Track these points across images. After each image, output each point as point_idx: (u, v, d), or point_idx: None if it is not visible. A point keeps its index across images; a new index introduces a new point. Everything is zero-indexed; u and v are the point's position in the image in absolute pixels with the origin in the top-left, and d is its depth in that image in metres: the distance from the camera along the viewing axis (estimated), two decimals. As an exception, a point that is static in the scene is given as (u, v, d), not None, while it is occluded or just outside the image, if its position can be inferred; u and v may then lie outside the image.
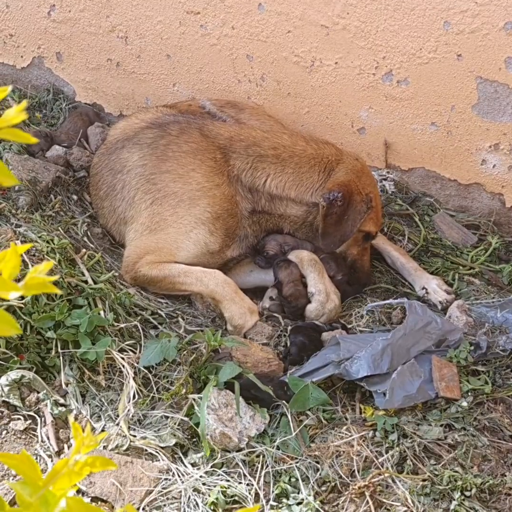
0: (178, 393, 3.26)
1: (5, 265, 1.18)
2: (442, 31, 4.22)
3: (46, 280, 1.19)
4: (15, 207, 4.05)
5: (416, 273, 4.32)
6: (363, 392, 3.47)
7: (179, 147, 4.11)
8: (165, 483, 2.98)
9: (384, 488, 3.04)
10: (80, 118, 5.10)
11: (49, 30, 5.20)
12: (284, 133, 4.22)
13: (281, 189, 4.06)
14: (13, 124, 1.18)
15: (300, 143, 4.13)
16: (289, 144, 4.11)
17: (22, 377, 3.17)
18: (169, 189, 4.03)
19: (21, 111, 1.19)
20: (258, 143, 4.11)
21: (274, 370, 3.52)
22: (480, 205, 4.65)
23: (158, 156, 4.12)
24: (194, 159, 4.07)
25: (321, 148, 4.13)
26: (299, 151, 4.10)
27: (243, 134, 4.15)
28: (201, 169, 4.06)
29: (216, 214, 4.01)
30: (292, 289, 3.99)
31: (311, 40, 4.53)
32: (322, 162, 4.08)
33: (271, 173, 4.06)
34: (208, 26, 4.74)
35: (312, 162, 4.08)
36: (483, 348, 3.65)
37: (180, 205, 3.99)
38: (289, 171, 4.06)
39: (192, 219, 3.98)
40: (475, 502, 3.01)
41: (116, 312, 3.58)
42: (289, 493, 3.01)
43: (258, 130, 4.21)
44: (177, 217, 3.98)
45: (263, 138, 4.13)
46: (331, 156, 4.11)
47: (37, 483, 1.15)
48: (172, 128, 4.19)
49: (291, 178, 4.06)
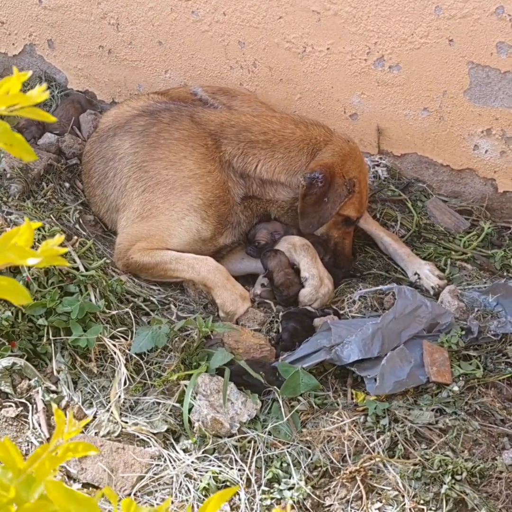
0: (170, 380, 3.27)
1: (20, 238, 1.24)
2: (434, 16, 4.21)
3: (58, 251, 1.24)
4: (6, 195, 4.05)
5: (409, 258, 4.32)
6: (354, 378, 3.48)
7: (170, 134, 4.10)
8: (156, 469, 3.00)
9: (375, 473, 3.06)
10: (72, 106, 5.08)
11: (40, 18, 5.18)
12: (273, 117, 4.22)
13: (271, 173, 4.07)
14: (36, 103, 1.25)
15: (289, 126, 4.12)
16: (278, 128, 4.11)
17: (13, 364, 3.18)
18: (161, 176, 4.02)
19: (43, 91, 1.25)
20: (249, 128, 4.11)
21: (266, 356, 3.53)
22: (473, 190, 4.65)
23: (149, 143, 4.11)
24: (186, 146, 4.07)
25: (310, 130, 4.13)
26: (288, 134, 4.10)
27: (234, 120, 4.16)
28: (193, 156, 4.05)
29: (208, 201, 4.01)
30: (283, 278, 3.99)
31: (303, 26, 4.52)
32: (310, 144, 4.09)
33: (261, 158, 4.07)
34: (200, 13, 4.73)
35: (301, 145, 4.08)
36: (474, 333, 3.66)
37: (172, 192, 3.99)
38: (279, 156, 4.07)
39: (184, 206, 3.98)
40: (465, 486, 3.02)
41: (108, 299, 3.58)
42: (281, 478, 3.02)
43: (248, 115, 4.21)
44: (169, 204, 3.98)
45: (253, 123, 4.13)
46: (319, 137, 4.11)
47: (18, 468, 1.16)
48: (163, 116, 4.19)
49: (281, 163, 4.06)
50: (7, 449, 1.20)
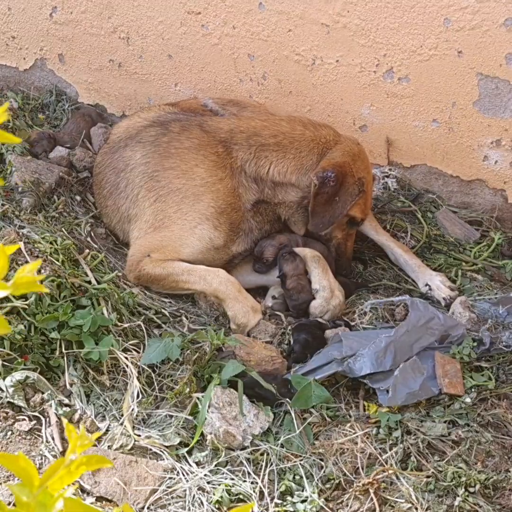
0: (182, 392, 3.28)
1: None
2: (443, 28, 4.22)
3: (34, 279, 1.21)
4: (18, 209, 4.07)
5: (420, 269, 4.31)
6: (366, 389, 3.48)
7: (181, 144, 4.12)
8: (169, 482, 3.00)
9: (388, 485, 3.05)
10: (83, 119, 5.11)
11: (51, 32, 5.22)
12: (282, 120, 4.24)
13: (283, 175, 4.09)
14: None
15: (299, 128, 4.16)
16: (288, 130, 4.14)
17: (26, 377, 3.19)
18: (173, 185, 4.04)
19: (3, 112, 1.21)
20: (259, 132, 4.13)
21: (277, 368, 3.53)
22: (483, 201, 4.65)
23: (160, 153, 4.13)
24: (197, 154, 4.09)
25: (319, 130, 4.17)
26: (298, 135, 4.13)
27: (243, 126, 4.18)
28: (204, 164, 4.07)
29: (220, 208, 4.03)
30: (294, 283, 4.01)
31: (312, 38, 4.53)
32: (320, 143, 4.12)
33: (273, 160, 4.09)
34: (209, 26, 4.75)
35: (311, 145, 4.12)
36: (486, 344, 3.65)
37: (184, 201, 4.00)
38: (290, 156, 4.10)
39: (197, 215, 3.99)
40: (479, 498, 3.01)
41: (120, 312, 3.59)
42: (294, 491, 3.02)
43: (256, 120, 4.24)
44: (181, 213, 3.99)
45: (263, 127, 4.16)
46: (328, 136, 4.15)
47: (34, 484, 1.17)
48: (173, 126, 4.21)
49: (293, 163, 4.09)
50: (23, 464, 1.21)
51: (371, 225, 4.46)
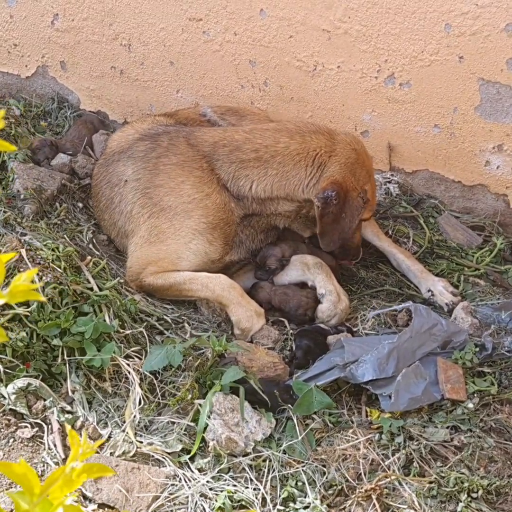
0: (184, 399, 3.27)
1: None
2: (444, 33, 4.23)
3: (30, 287, 1.21)
4: (20, 216, 4.08)
5: (422, 275, 4.31)
6: (369, 395, 3.48)
7: (169, 160, 4.08)
8: (172, 489, 2.99)
9: (390, 491, 3.04)
10: (85, 126, 5.13)
11: (52, 39, 5.23)
12: (267, 130, 4.07)
13: (269, 192, 3.98)
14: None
15: (283, 140, 3.98)
16: (270, 143, 3.97)
17: (28, 385, 3.19)
18: (164, 203, 4.01)
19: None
20: (240, 146, 4.01)
21: (279, 374, 3.52)
22: (485, 206, 4.65)
23: (150, 170, 4.10)
24: (183, 171, 4.04)
25: (307, 141, 3.97)
26: (281, 149, 3.96)
27: (226, 139, 4.06)
28: (190, 180, 4.01)
29: (211, 224, 3.99)
30: (279, 297, 4.06)
31: (313, 44, 4.54)
32: (309, 156, 3.94)
33: (254, 179, 3.97)
34: (211, 33, 4.76)
35: (296, 158, 3.95)
36: (488, 349, 3.65)
37: (176, 218, 3.98)
38: (273, 172, 3.95)
39: (189, 230, 3.97)
40: (482, 503, 3.00)
41: (122, 318, 3.59)
42: (296, 497, 3.01)
43: (240, 132, 4.10)
44: (175, 229, 3.98)
45: (245, 140, 4.02)
46: (319, 149, 3.96)
47: (34, 491, 1.17)
48: (162, 140, 4.17)
49: (277, 180, 3.95)
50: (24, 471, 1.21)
51: (373, 231, 4.45)
